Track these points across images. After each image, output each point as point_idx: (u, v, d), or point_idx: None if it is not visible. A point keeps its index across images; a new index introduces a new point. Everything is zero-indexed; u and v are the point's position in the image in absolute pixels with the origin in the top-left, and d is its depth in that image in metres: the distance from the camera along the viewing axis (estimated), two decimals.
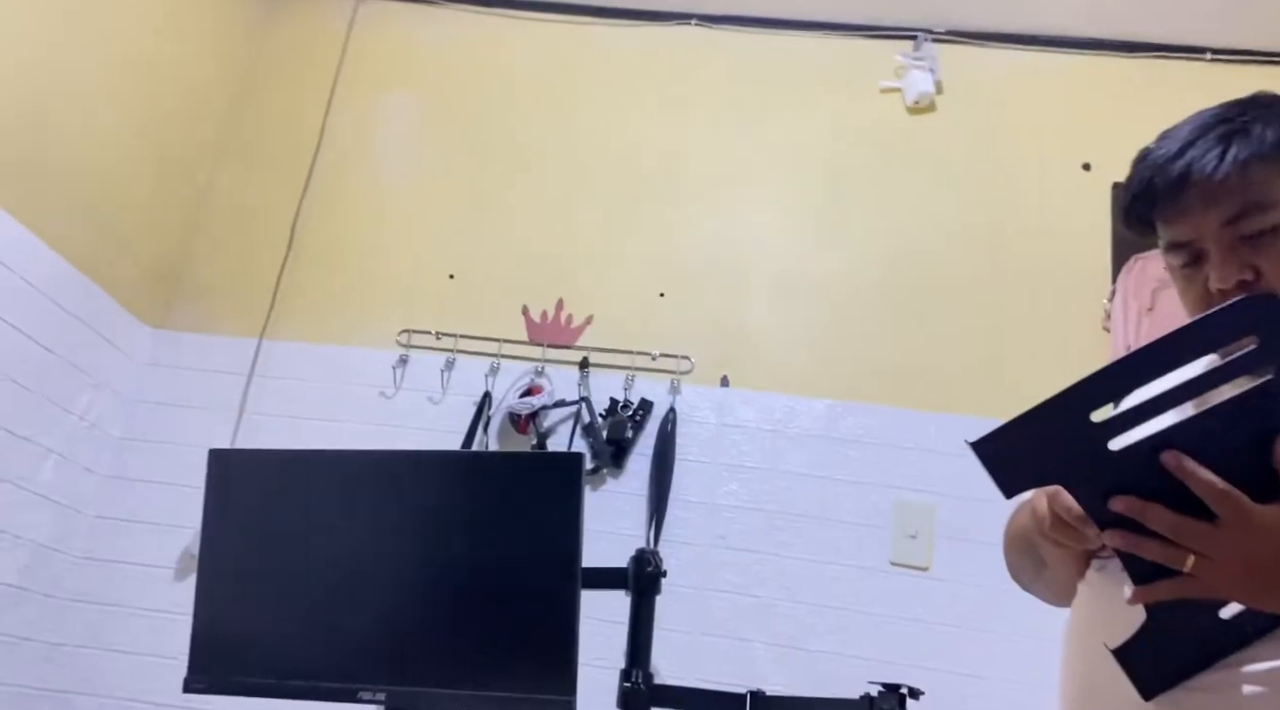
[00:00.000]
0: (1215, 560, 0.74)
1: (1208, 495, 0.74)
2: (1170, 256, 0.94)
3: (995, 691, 2.11)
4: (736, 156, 2.66)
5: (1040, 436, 0.77)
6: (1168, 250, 0.94)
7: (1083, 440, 0.76)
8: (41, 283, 2.14)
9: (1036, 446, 0.78)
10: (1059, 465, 0.78)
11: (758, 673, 2.14)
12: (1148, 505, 0.75)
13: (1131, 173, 0.96)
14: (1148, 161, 0.94)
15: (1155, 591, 0.78)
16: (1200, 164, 0.88)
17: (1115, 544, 0.78)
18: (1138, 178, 0.94)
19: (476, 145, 2.73)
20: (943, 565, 2.22)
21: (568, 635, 1.28)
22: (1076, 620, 0.98)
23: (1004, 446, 0.78)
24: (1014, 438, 0.77)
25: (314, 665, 1.36)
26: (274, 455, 1.56)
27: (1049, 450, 0.78)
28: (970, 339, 2.42)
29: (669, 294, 2.53)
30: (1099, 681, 0.89)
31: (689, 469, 2.35)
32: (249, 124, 2.80)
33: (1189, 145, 0.90)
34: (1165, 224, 0.93)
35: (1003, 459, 0.78)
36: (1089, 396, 0.75)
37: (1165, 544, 0.75)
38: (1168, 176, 0.90)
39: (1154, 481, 0.75)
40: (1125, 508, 0.76)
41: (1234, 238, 0.87)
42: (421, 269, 2.60)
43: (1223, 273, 0.87)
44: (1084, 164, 2.56)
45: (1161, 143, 0.93)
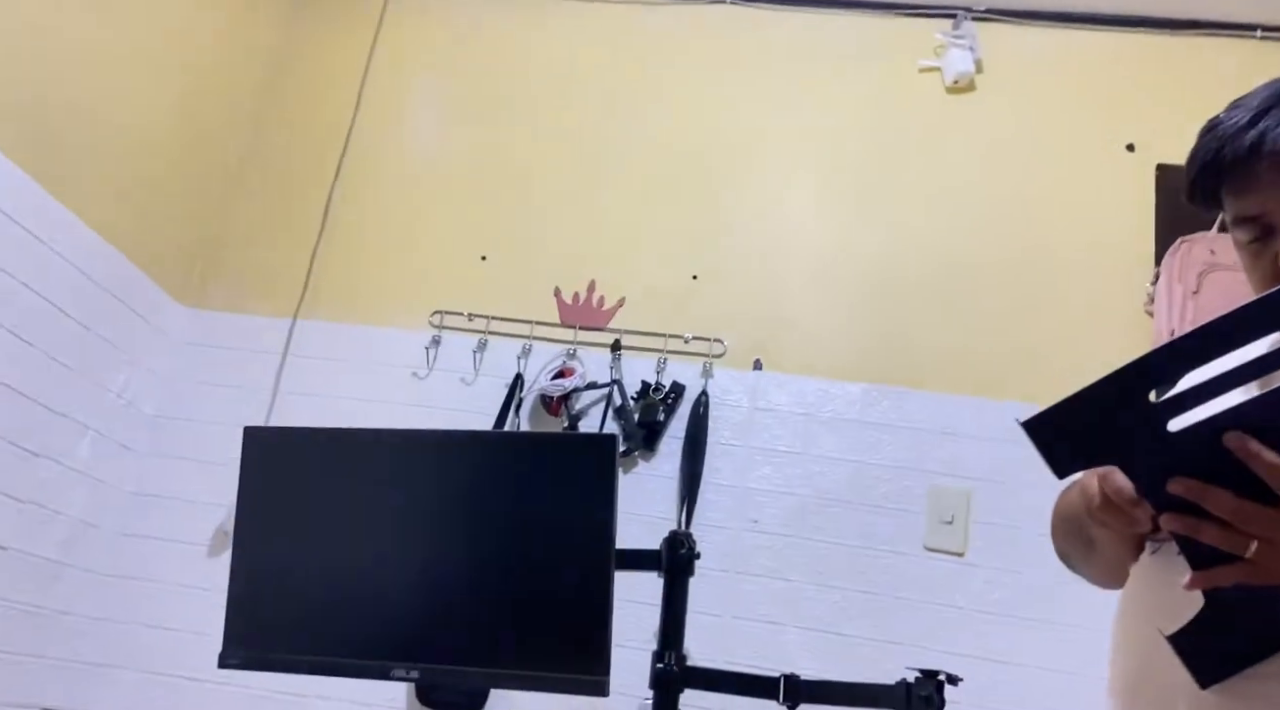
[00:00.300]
0: (1278, 545, 0.71)
1: (1273, 478, 0.71)
2: (1238, 231, 0.90)
3: (1032, 678, 2.08)
4: (772, 137, 2.63)
5: (1095, 416, 0.74)
6: (1235, 224, 0.90)
7: (1140, 420, 0.74)
8: (80, 260, 2.16)
9: (1091, 426, 0.75)
10: (1114, 446, 0.76)
11: (790, 657, 2.13)
12: (1208, 488, 0.72)
13: (1199, 143, 0.92)
14: (1217, 131, 0.90)
15: (1214, 577, 0.75)
16: (1274, 135, 0.84)
17: (1173, 528, 0.75)
18: (1205, 148, 0.90)
19: (509, 126, 2.71)
20: (978, 551, 2.19)
21: (601, 615, 1.27)
22: (1128, 605, 0.96)
23: (1057, 426, 0.75)
24: (1067, 417, 0.75)
25: (347, 642, 1.36)
26: (308, 433, 1.57)
27: (1104, 430, 0.75)
28: (1009, 322, 2.38)
29: (702, 276, 2.51)
30: (1153, 668, 0.87)
31: (721, 453, 2.33)
32: (283, 105, 2.80)
33: (1262, 114, 0.86)
34: (1234, 197, 0.89)
35: (1055, 439, 0.76)
36: (1147, 375, 0.73)
37: (1226, 528, 0.73)
38: (1238, 147, 0.87)
39: (1214, 464, 0.73)
40: (1185, 490, 0.73)
41: None
42: (454, 250, 2.60)
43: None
44: (1128, 145, 2.50)
45: (1232, 112, 0.90)
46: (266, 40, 2.80)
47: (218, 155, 2.65)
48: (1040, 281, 2.41)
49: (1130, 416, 0.74)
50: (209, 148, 2.61)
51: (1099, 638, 2.19)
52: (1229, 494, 0.72)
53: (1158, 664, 0.84)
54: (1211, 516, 0.73)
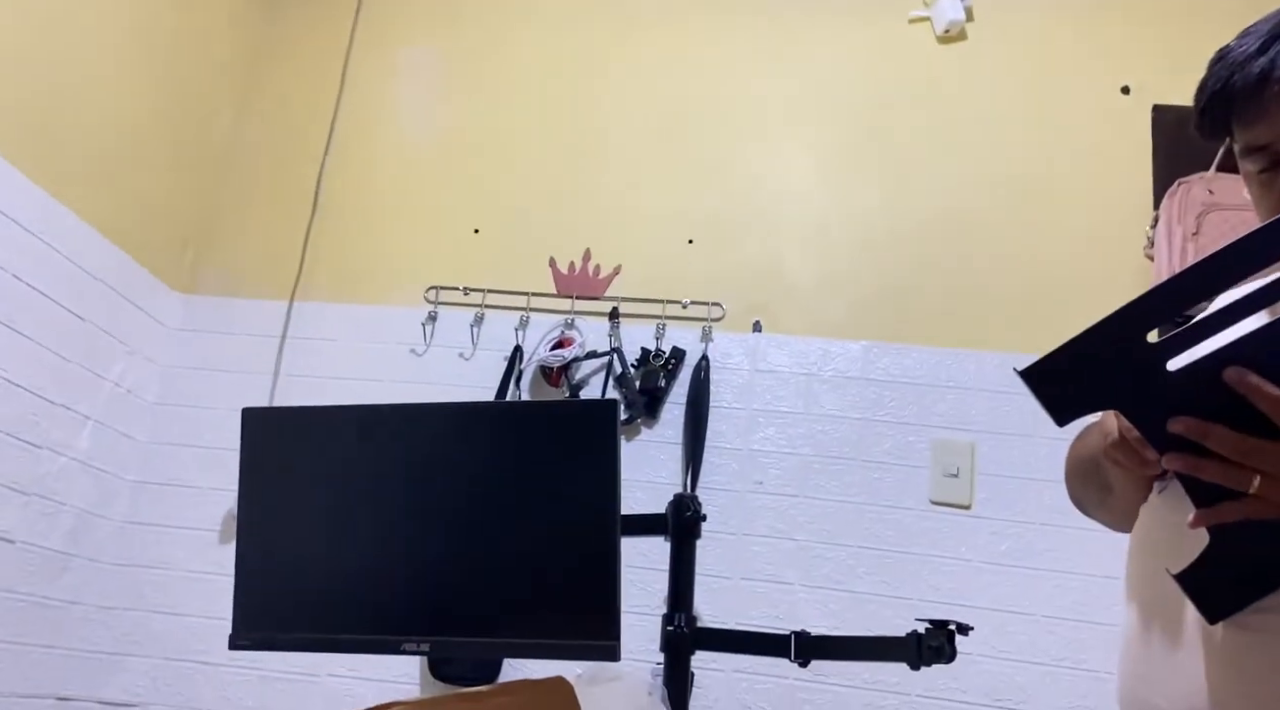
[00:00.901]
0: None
1: (1274, 411, 0.70)
2: (1247, 161, 0.89)
3: (1041, 626, 2.09)
4: (762, 96, 2.60)
5: (1093, 360, 0.74)
6: (1244, 154, 0.89)
7: (1138, 362, 0.73)
8: (70, 251, 2.14)
9: (1089, 371, 0.74)
10: (1113, 390, 0.75)
11: (800, 615, 2.14)
12: (1209, 425, 0.72)
13: (1208, 72, 0.90)
14: (1226, 59, 0.88)
15: (1218, 513, 0.74)
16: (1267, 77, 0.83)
17: (1175, 467, 0.75)
18: (1215, 77, 0.89)
19: (496, 97, 2.68)
20: (984, 503, 2.20)
21: (609, 580, 1.27)
22: (1137, 544, 0.95)
23: (1054, 373, 0.75)
24: (1064, 363, 0.74)
25: (357, 618, 1.36)
26: (306, 412, 1.56)
27: (1102, 374, 0.74)
28: (1007, 273, 2.37)
29: (698, 240, 2.49)
30: (1162, 606, 0.86)
31: (724, 416, 2.33)
32: (267, 86, 2.77)
33: (1273, 41, 0.84)
34: (1243, 126, 0.87)
35: (1053, 386, 0.75)
36: (1143, 316, 0.72)
37: (1228, 465, 0.72)
38: (1247, 75, 0.85)
39: (1215, 402, 0.72)
40: (1186, 429, 0.72)
41: None
42: (446, 224, 2.58)
43: None
44: (1123, 87, 2.48)
45: (1243, 39, 0.88)
46: (247, 21, 2.76)
47: (204, 140, 2.62)
48: (1038, 230, 2.39)
49: (1129, 359, 0.73)
50: (195, 133, 2.59)
51: (1106, 584, 2.21)
52: (1230, 431, 0.71)
53: (1167, 601, 0.84)
54: (1214, 454, 0.72)
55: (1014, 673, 2.07)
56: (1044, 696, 2.05)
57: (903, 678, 2.06)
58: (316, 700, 2.20)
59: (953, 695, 2.07)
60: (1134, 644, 0.91)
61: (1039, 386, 0.75)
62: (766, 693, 2.11)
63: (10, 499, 2.01)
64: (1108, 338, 0.73)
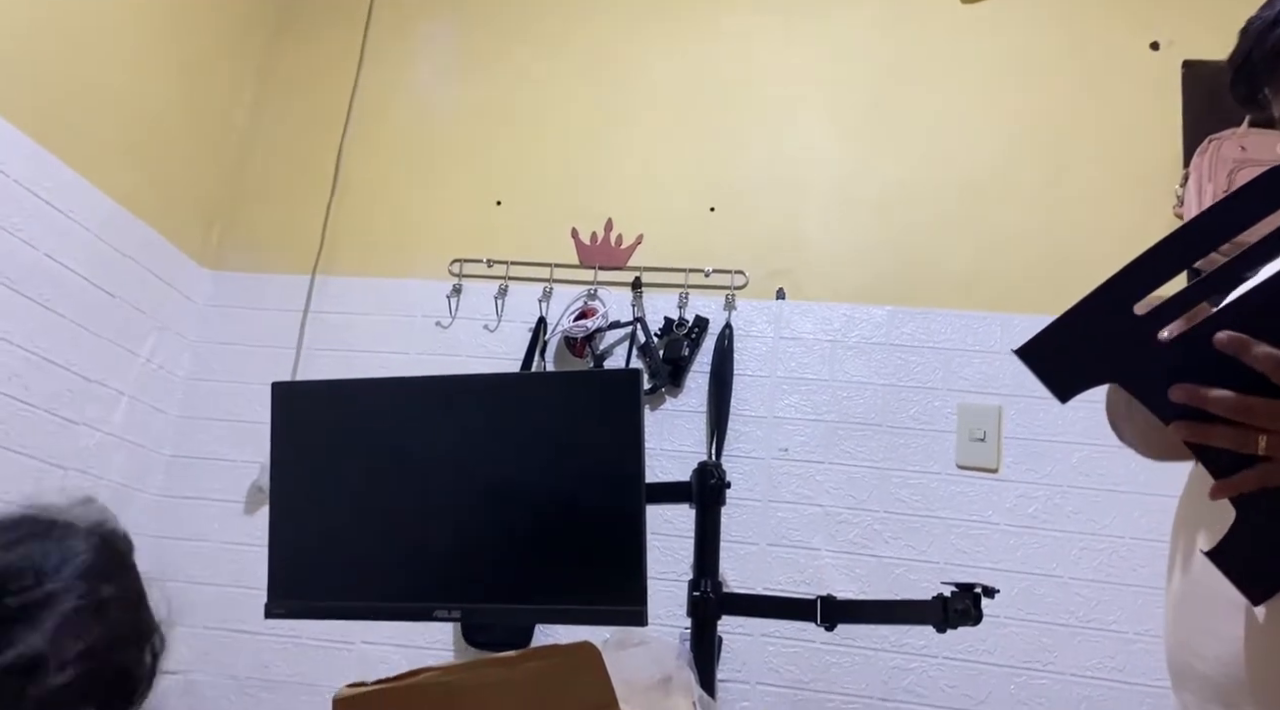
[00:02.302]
0: None
1: (1268, 367, 0.70)
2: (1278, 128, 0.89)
3: (1068, 588, 2.09)
4: (783, 62, 2.57)
5: (1086, 335, 0.74)
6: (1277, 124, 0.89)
7: (1130, 333, 0.73)
8: (99, 228, 2.17)
9: (1084, 345, 0.74)
10: (1111, 362, 0.75)
11: (826, 580, 2.15)
12: (1208, 390, 0.71)
13: (1237, 43, 0.90)
14: (1249, 31, 0.88)
15: (1237, 483, 0.74)
16: None
17: (1182, 435, 0.74)
18: (1239, 51, 0.88)
19: (516, 69, 2.67)
20: (1011, 466, 2.19)
21: (635, 546, 1.28)
22: (1178, 515, 0.95)
23: (1050, 349, 0.75)
24: (1059, 339, 0.74)
25: (389, 586, 1.38)
26: (336, 385, 1.58)
27: (1097, 348, 0.74)
28: (1033, 234, 2.34)
29: (720, 208, 2.48)
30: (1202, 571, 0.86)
31: (748, 384, 2.33)
32: (287, 62, 2.78)
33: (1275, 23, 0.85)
34: (1273, 97, 0.88)
35: (1051, 362, 0.76)
36: (1130, 288, 0.72)
37: (1234, 428, 0.72)
38: (1264, 48, 0.85)
39: (1214, 368, 0.71)
40: (1185, 396, 0.72)
41: None
42: (468, 197, 2.58)
43: None
44: (1151, 43, 2.43)
45: (1265, 9, 0.87)
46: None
47: (227, 117, 2.64)
48: (1065, 190, 2.36)
49: (1119, 331, 0.73)
50: (218, 110, 2.60)
51: (1134, 546, 2.20)
52: (1230, 393, 0.71)
53: (1207, 566, 0.83)
54: (1220, 419, 0.72)
55: (1040, 635, 2.07)
56: (1071, 658, 2.06)
57: (929, 641, 2.07)
58: (351, 667, 2.25)
59: (979, 657, 2.08)
60: (1175, 608, 0.92)
61: (1037, 364, 0.75)
62: (793, 656, 2.13)
63: (49, 474, 2.06)
64: (1096, 311, 0.73)
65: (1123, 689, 2.01)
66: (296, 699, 2.25)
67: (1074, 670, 2.05)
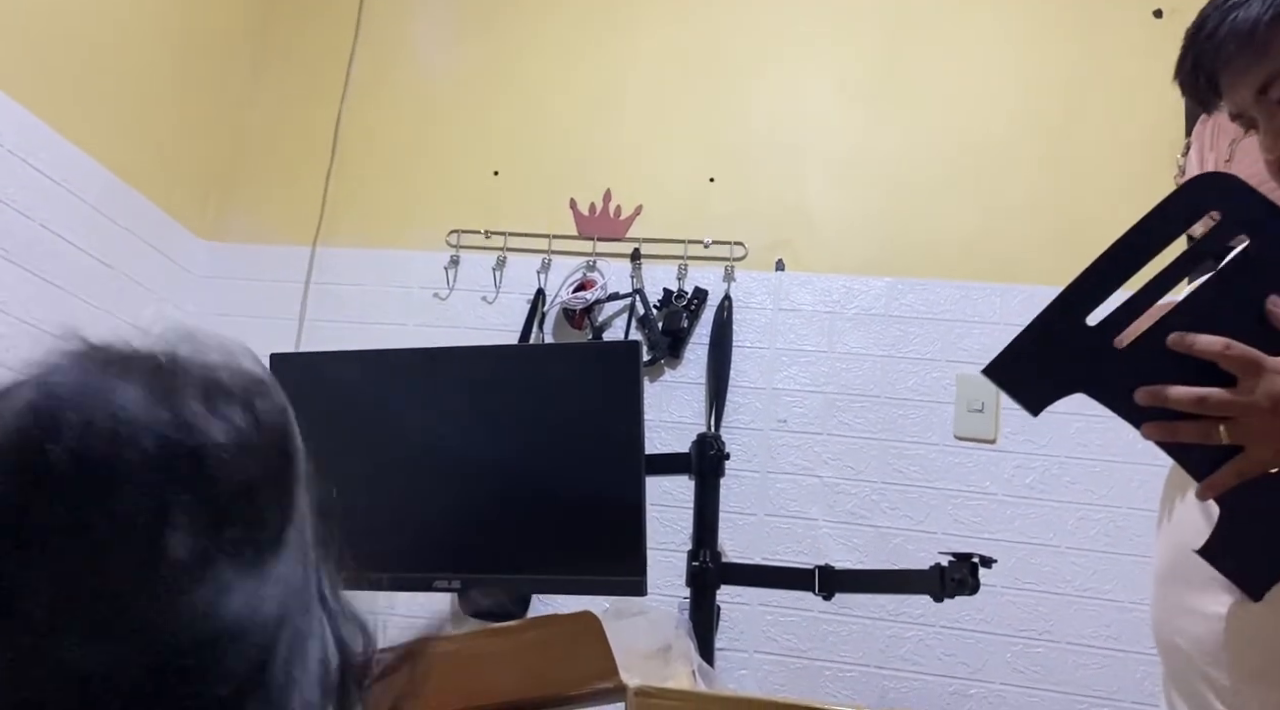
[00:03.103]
0: (1246, 421, 0.73)
1: (1215, 356, 0.73)
2: (1236, 124, 0.92)
3: (1065, 558, 2.10)
4: (781, 31, 2.55)
5: (1046, 350, 0.77)
6: (1231, 119, 0.92)
7: (1087, 345, 0.76)
8: (96, 200, 2.16)
9: (1046, 360, 0.78)
10: (1073, 373, 0.78)
11: (824, 550, 2.16)
12: (1165, 388, 0.74)
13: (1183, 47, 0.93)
14: (1185, 37, 0.91)
15: (1216, 481, 0.76)
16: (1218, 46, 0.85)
17: (1152, 436, 0.77)
18: (1183, 60, 0.91)
19: (513, 37, 2.65)
20: (1009, 437, 2.19)
21: (635, 517, 1.29)
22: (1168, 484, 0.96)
23: (1014, 366, 0.78)
24: (1021, 356, 0.78)
25: (389, 557, 1.39)
26: (335, 356, 1.58)
27: (1059, 361, 0.78)
28: (1034, 205, 2.33)
29: (719, 179, 2.47)
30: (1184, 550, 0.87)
31: (747, 355, 2.33)
32: (283, 30, 2.75)
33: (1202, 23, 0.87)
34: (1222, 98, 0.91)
35: (1017, 379, 0.79)
36: (1078, 303, 0.76)
37: (1197, 422, 0.75)
38: (1195, 57, 0.89)
39: (1172, 368, 0.75)
40: (1146, 397, 0.75)
41: (1270, 106, 0.84)
42: (466, 167, 2.57)
43: (1266, 142, 0.86)
44: (1155, 11, 2.40)
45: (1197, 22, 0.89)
46: None
47: (223, 86, 2.62)
48: (1066, 160, 2.35)
49: (1076, 344, 0.77)
50: (214, 79, 2.58)
51: (1130, 516, 2.22)
52: (1186, 387, 0.74)
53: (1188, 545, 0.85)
54: (1184, 416, 0.75)
55: (1037, 603, 2.09)
56: (1068, 627, 2.07)
57: (926, 610, 2.09)
58: None
59: (976, 626, 2.09)
60: (1159, 584, 0.94)
61: (1005, 381, 0.79)
62: (791, 626, 2.15)
63: None
64: (1051, 327, 0.77)
65: (1119, 657, 2.03)
66: None
67: (1071, 639, 2.07)
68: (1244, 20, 0.83)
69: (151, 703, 0.46)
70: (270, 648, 0.51)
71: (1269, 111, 0.85)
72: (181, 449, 0.51)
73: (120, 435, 0.50)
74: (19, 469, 0.49)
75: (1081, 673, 2.05)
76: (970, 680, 2.08)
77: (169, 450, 0.51)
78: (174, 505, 0.50)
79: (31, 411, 0.50)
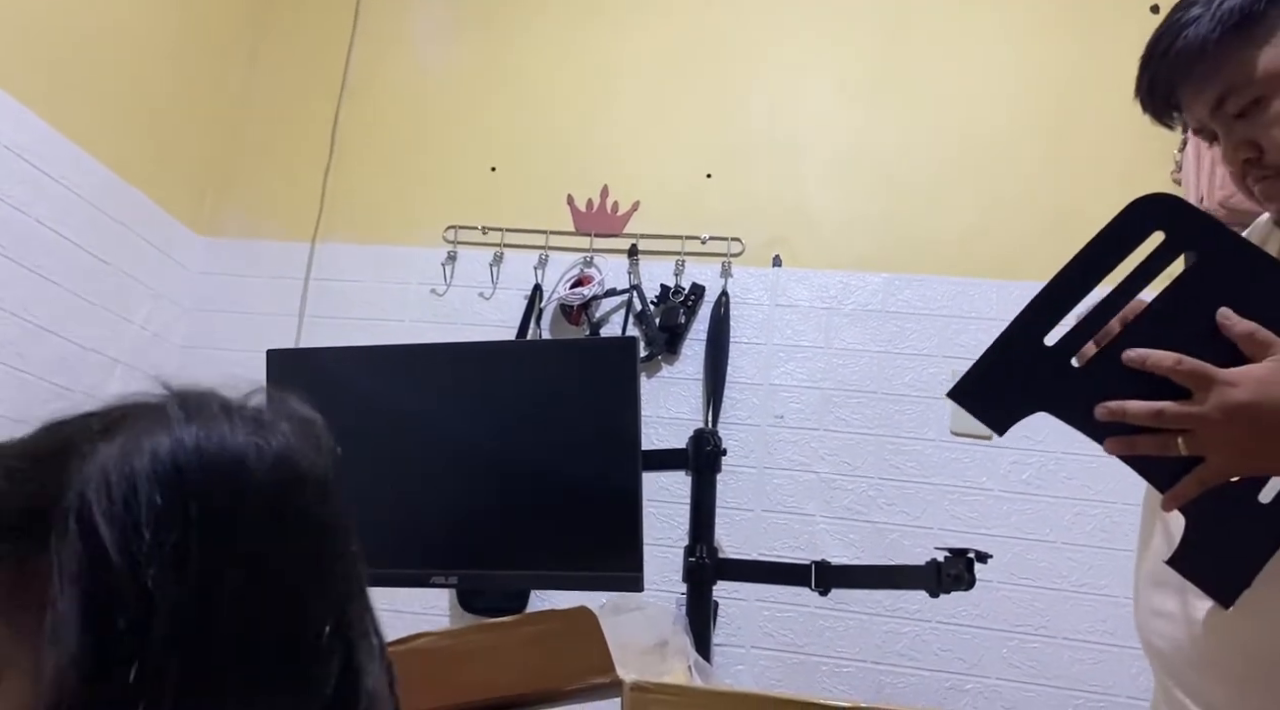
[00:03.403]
0: (1203, 433, 0.74)
1: (1168, 371, 0.75)
2: (1199, 138, 0.94)
3: (1060, 553, 2.11)
4: (779, 26, 2.54)
5: (1006, 371, 0.80)
6: (1195, 134, 0.94)
7: (1045, 364, 0.79)
8: (93, 196, 2.16)
9: (1007, 381, 0.80)
10: (1035, 393, 0.80)
11: (821, 546, 2.16)
12: (1123, 403, 0.76)
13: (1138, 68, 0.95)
14: (1143, 54, 0.93)
15: (1180, 493, 0.78)
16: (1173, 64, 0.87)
17: (1113, 451, 0.79)
18: (1141, 79, 0.94)
19: (511, 33, 2.65)
20: (1006, 433, 2.19)
21: (632, 513, 1.29)
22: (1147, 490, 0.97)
23: (978, 388, 0.81)
24: (983, 378, 0.80)
25: (385, 552, 1.39)
26: (331, 352, 1.58)
27: (1020, 381, 0.80)
28: (1030, 201, 2.33)
29: (716, 175, 2.47)
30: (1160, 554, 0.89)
31: (744, 351, 2.33)
32: (281, 26, 2.75)
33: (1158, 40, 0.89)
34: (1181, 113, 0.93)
35: (981, 400, 0.81)
36: (1035, 324, 0.78)
37: (1155, 435, 0.76)
38: (1152, 74, 0.92)
39: (1129, 385, 0.77)
40: (1105, 413, 0.77)
41: (1227, 119, 0.86)
42: (463, 163, 2.56)
43: (1227, 154, 0.88)
44: (1152, 6, 2.40)
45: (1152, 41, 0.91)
46: None
47: (220, 83, 2.61)
48: (1062, 156, 2.35)
49: (1035, 364, 0.79)
50: (211, 76, 2.57)
51: (1125, 511, 2.22)
52: (1143, 402, 0.76)
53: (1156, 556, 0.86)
54: (1143, 430, 0.76)
55: (1033, 599, 2.10)
56: (1063, 622, 2.08)
57: (922, 605, 2.09)
58: None
59: (972, 621, 2.10)
60: (1140, 585, 0.96)
61: (969, 403, 0.81)
62: (788, 621, 2.15)
63: None
64: (1010, 350, 0.79)
65: (1114, 652, 2.04)
66: None
67: (1066, 634, 2.07)
68: (1194, 38, 0.84)
69: None
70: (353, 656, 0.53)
71: (1226, 125, 0.86)
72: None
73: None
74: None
75: (1077, 667, 2.06)
76: (966, 675, 2.08)
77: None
78: None
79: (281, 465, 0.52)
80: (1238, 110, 0.85)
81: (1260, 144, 0.84)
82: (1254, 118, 0.84)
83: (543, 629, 1.07)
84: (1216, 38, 0.83)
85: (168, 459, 0.49)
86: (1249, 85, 0.84)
